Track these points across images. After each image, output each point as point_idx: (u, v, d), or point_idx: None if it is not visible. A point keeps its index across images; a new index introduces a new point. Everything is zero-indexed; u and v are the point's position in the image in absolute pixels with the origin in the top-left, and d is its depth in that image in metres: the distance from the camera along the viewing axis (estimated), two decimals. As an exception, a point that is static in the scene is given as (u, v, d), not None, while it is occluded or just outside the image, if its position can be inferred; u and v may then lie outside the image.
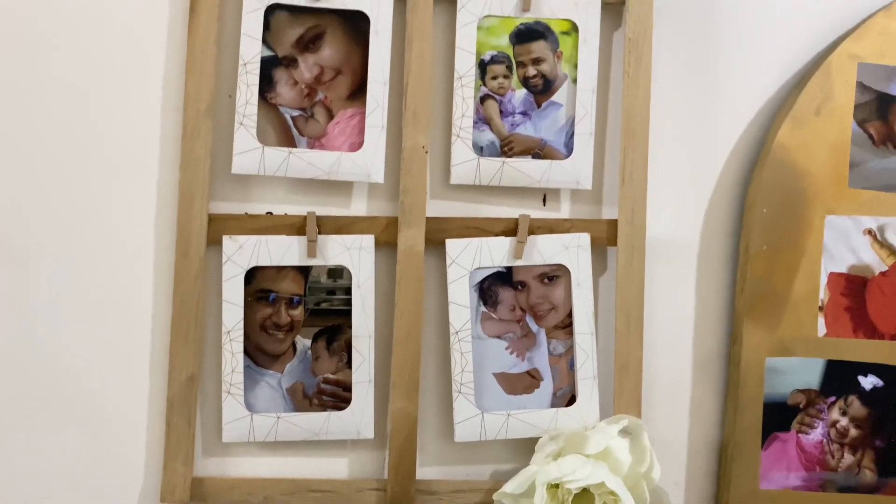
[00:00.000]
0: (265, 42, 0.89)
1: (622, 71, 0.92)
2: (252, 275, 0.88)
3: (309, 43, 0.90)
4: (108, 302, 0.90)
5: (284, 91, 0.90)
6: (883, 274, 0.94)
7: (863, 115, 0.94)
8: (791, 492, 0.94)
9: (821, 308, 0.93)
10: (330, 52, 0.90)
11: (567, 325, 0.91)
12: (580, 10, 0.91)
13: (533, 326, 0.92)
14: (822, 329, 0.93)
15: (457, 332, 0.89)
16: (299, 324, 0.89)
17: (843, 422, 0.94)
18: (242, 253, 0.88)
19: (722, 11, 0.97)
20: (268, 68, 0.89)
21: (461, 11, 0.90)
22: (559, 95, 0.93)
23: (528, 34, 0.92)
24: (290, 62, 0.90)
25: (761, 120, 0.97)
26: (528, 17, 0.92)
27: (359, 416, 0.89)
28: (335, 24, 0.90)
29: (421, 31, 0.89)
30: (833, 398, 0.94)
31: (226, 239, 0.88)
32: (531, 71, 0.92)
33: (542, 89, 0.93)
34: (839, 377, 0.93)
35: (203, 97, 0.87)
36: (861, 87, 0.94)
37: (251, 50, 0.88)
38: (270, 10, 0.88)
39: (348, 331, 0.88)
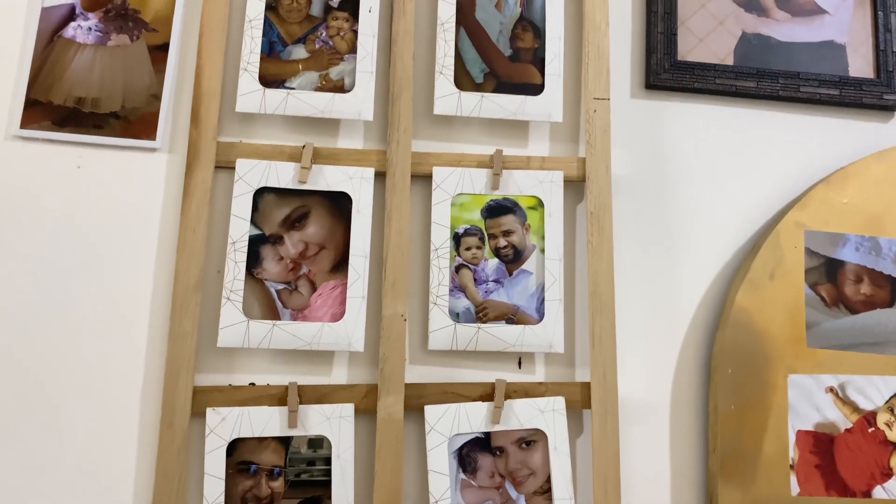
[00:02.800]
0: (253, 222, 0.95)
1: (586, 241, 0.98)
2: (234, 446, 0.89)
3: (295, 222, 0.96)
4: (91, 474, 0.90)
5: (270, 266, 0.95)
6: (848, 431, 0.97)
7: (814, 278, 1.00)
8: None
9: (792, 466, 0.95)
10: (314, 229, 0.96)
11: (546, 491, 0.92)
12: (545, 188, 0.99)
13: (513, 493, 0.93)
14: (795, 488, 0.95)
15: (437, 502, 0.90)
16: (279, 496, 0.89)
17: (826, 584, 0.93)
18: (225, 425, 0.89)
19: (676, 184, 1.05)
20: (255, 245, 0.95)
21: (436, 190, 0.98)
22: (529, 264, 0.99)
23: (498, 209, 0.99)
24: (277, 239, 0.96)
25: (720, 283, 1.03)
26: (498, 195, 0.99)
27: (338, 592, 0.87)
28: (320, 204, 0.97)
29: (399, 208, 0.96)
30: (813, 559, 0.94)
31: (209, 411, 0.90)
32: (502, 242, 0.99)
33: (512, 259, 0.99)
34: (817, 537, 0.94)
35: (193, 273, 0.92)
36: (809, 252, 1.01)
37: (240, 230, 0.94)
38: (259, 192, 0.95)
39: (328, 502, 0.89)
